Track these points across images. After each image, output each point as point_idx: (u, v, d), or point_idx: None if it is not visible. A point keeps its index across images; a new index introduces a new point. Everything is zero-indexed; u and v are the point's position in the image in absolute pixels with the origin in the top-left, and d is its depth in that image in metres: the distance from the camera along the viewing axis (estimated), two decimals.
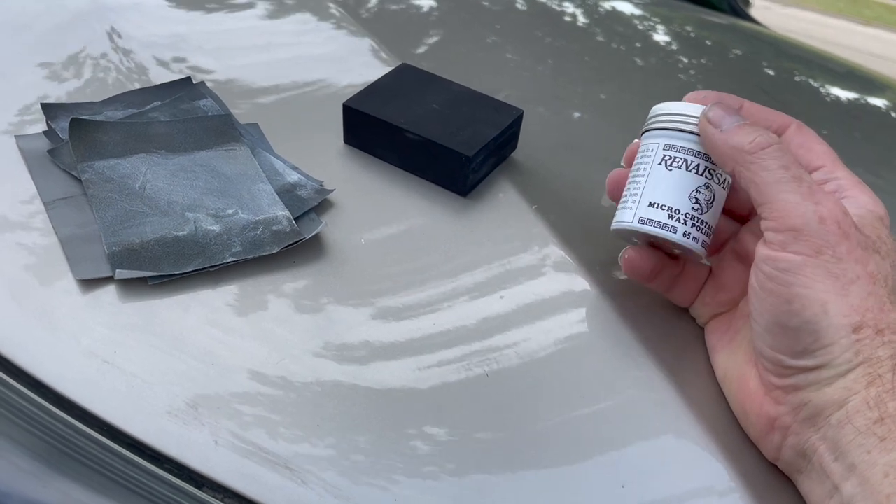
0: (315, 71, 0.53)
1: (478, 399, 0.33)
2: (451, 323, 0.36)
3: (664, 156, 0.35)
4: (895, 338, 0.28)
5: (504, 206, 0.43)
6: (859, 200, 0.32)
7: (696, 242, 0.35)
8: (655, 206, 0.35)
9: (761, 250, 0.31)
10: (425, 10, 0.65)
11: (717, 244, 0.38)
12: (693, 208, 0.35)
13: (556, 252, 0.41)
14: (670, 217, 0.35)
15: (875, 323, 0.28)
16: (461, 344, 0.35)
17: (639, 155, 0.36)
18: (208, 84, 0.49)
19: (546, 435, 0.32)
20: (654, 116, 0.36)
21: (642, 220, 0.35)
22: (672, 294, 0.38)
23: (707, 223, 0.35)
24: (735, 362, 0.34)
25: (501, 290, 0.38)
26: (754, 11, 1.43)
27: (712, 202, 0.35)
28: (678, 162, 0.35)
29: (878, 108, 0.76)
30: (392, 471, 0.31)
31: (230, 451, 0.30)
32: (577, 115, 0.54)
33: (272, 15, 0.58)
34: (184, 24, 0.56)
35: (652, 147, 0.36)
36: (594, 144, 0.51)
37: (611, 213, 0.45)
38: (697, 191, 0.35)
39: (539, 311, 0.37)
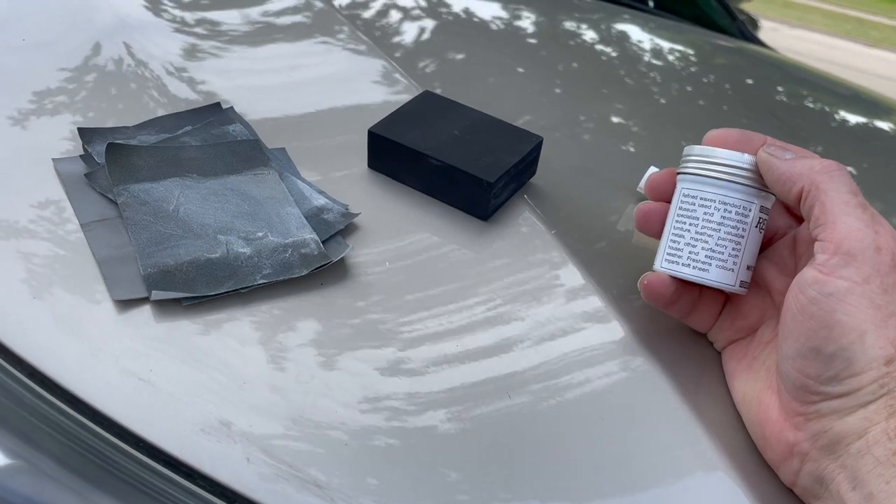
0: (336, 95, 0.54)
1: (500, 421, 0.34)
2: (474, 345, 0.37)
3: (760, 218, 0.36)
4: None
5: (524, 230, 0.44)
6: None
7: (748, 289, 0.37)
8: (749, 268, 0.36)
9: (809, 273, 0.31)
10: (441, 35, 0.67)
11: None
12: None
13: (575, 276, 0.42)
14: (751, 275, 0.36)
15: None
16: (484, 366, 0.36)
17: (728, 206, 0.35)
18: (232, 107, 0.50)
19: (565, 457, 0.33)
20: (738, 167, 0.35)
21: (742, 284, 0.36)
22: (690, 320, 0.39)
23: None
24: (754, 388, 0.34)
25: (522, 313, 0.39)
26: (762, 33, 1.45)
27: None
28: (764, 223, 0.36)
29: (885, 131, 0.77)
30: (417, 492, 0.31)
31: (261, 467, 0.31)
32: (593, 140, 0.56)
33: (292, 38, 0.60)
34: (206, 45, 0.57)
35: (746, 205, 0.35)
36: (611, 169, 0.52)
37: (627, 237, 0.46)
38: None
39: (559, 335, 0.38)
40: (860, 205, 0.31)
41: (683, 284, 0.37)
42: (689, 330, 0.40)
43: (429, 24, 0.68)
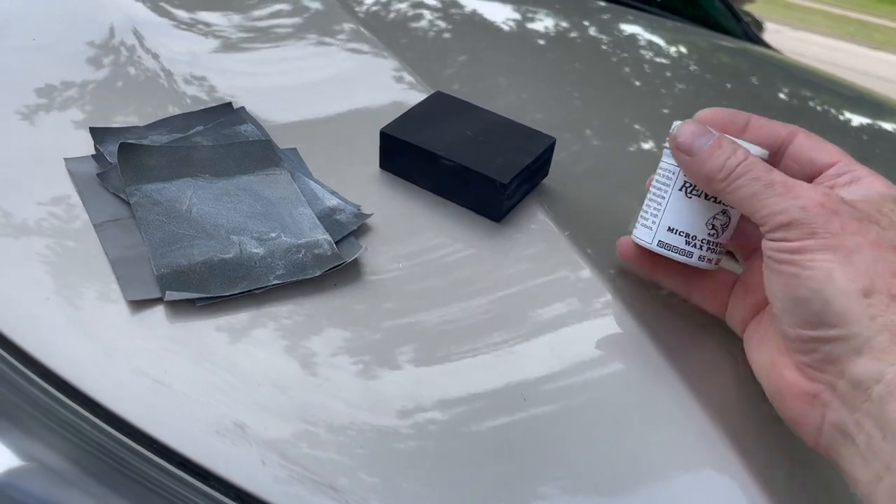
0: (348, 96, 0.54)
1: (515, 424, 0.34)
2: (487, 347, 0.37)
3: (685, 182, 0.36)
4: None
5: (537, 232, 0.44)
6: (869, 183, 0.33)
7: (711, 263, 0.37)
8: (674, 231, 0.37)
9: (764, 243, 0.33)
10: (452, 35, 0.67)
11: (749, 250, 0.39)
12: (710, 234, 0.36)
13: (588, 277, 0.41)
14: (687, 243, 0.37)
15: (888, 288, 0.29)
16: (497, 368, 0.36)
17: (660, 170, 0.38)
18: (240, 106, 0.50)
19: (581, 459, 0.33)
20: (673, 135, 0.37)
21: (661, 244, 0.37)
22: (702, 303, 0.39)
23: (721, 244, 0.37)
24: (769, 355, 0.34)
25: (536, 315, 0.39)
26: (766, 35, 1.45)
27: (727, 225, 0.37)
28: (698, 190, 0.36)
29: (889, 133, 0.77)
30: (432, 495, 0.31)
31: (276, 470, 0.31)
32: (603, 141, 0.56)
33: (303, 38, 0.60)
34: (216, 44, 0.57)
35: (673, 170, 0.37)
36: (622, 170, 0.52)
37: None
38: (714, 217, 0.36)
39: (573, 337, 0.38)
40: (767, 185, 0.32)
41: (644, 249, 0.39)
42: (706, 331, 0.40)
43: (439, 24, 0.68)
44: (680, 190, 0.36)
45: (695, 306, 0.40)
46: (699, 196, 0.36)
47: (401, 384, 0.35)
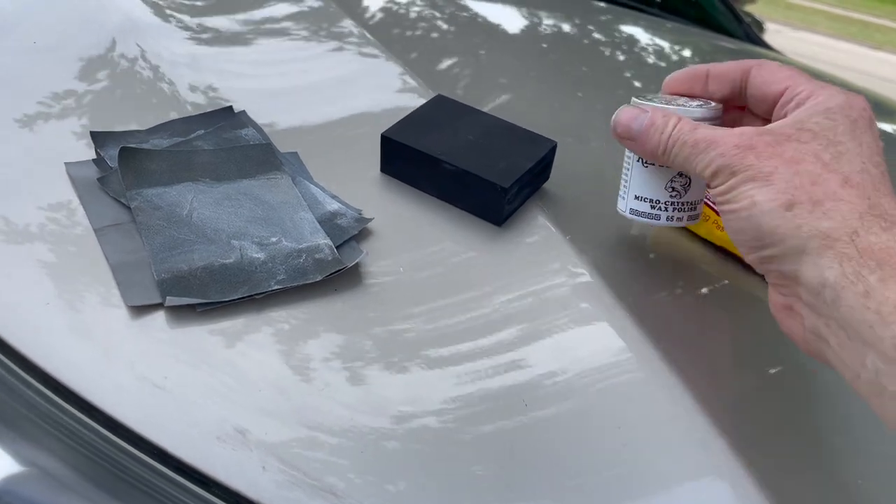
0: (348, 99, 0.54)
1: (515, 429, 0.34)
2: (488, 351, 0.37)
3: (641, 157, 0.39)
4: (834, 206, 0.30)
5: (538, 236, 0.44)
6: (811, 102, 0.34)
7: (681, 221, 0.41)
8: (640, 199, 0.40)
9: (710, 192, 0.35)
10: (453, 38, 0.67)
11: None
12: (671, 196, 0.40)
13: (590, 282, 0.41)
14: (653, 208, 0.40)
15: (809, 196, 0.31)
16: (498, 373, 0.36)
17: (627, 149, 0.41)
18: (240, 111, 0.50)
19: (582, 466, 0.33)
20: None
21: (633, 212, 0.41)
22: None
23: (689, 202, 0.40)
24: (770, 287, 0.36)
25: (537, 320, 0.39)
26: (767, 36, 1.44)
27: (689, 185, 0.39)
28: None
29: (889, 133, 0.77)
30: (433, 500, 0.31)
31: (276, 475, 0.31)
32: (605, 144, 0.55)
33: (303, 42, 0.60)
34: (216, 48, 0.57)
35: None
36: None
37: (642, 242, 0.46)
38: (672, 181, 0.39)
39: (574, 341, 0.38)
40: (692, 146, 0.35)
41: None
42: (706, 335, 0.40)
43: (441, 27, 0.68)
44: (639, 161, 0.40)
45: (695, 309, 0.40)
46: (654, 164, 0.39)
47: (401, 388, 0.35)
